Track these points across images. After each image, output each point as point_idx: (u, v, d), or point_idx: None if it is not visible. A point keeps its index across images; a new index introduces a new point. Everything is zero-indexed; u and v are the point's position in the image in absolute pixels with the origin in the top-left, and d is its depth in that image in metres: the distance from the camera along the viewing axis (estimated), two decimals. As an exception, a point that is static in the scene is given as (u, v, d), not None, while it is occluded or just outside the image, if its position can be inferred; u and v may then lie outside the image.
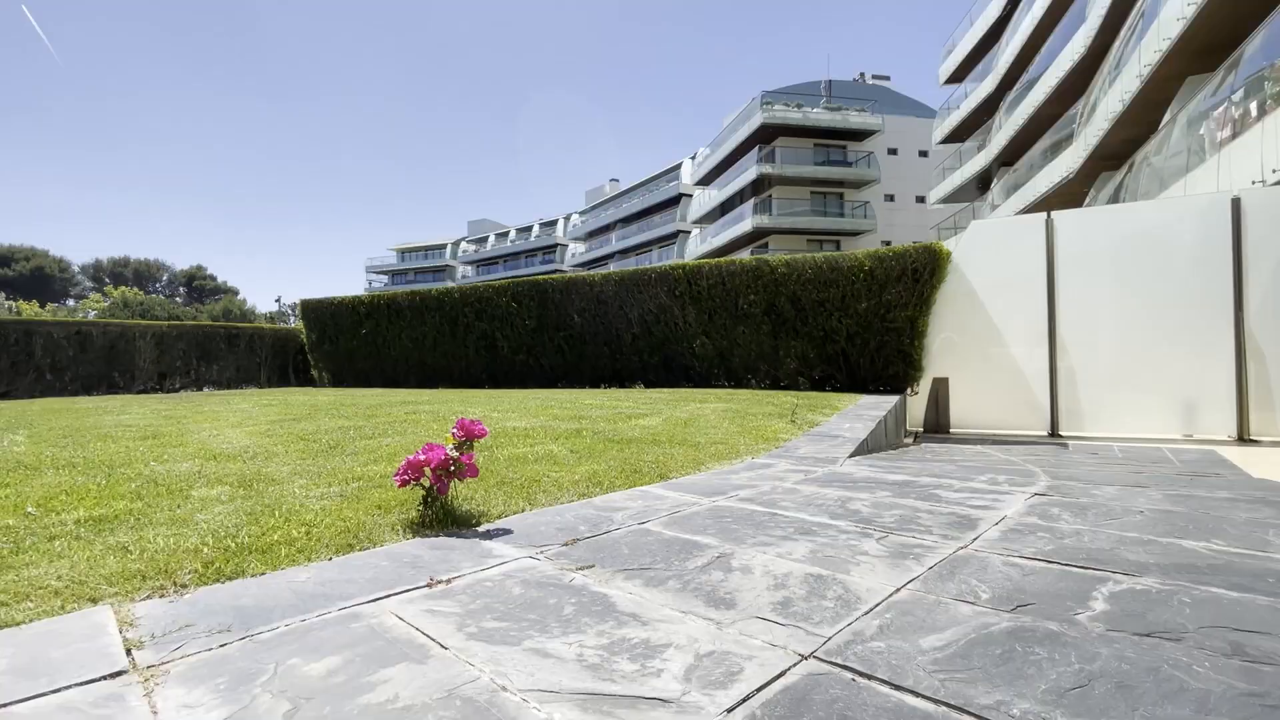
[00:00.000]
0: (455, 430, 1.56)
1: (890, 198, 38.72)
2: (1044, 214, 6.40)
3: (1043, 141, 19.27)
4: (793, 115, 34.61)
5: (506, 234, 71.33)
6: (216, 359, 10.77)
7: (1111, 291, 6.10)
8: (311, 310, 10.78)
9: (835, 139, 36.40)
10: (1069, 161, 16.05)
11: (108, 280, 69.85)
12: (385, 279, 78.95)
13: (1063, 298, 6.27)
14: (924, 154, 39.45)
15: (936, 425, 6.67)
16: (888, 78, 41.74)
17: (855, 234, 36.07)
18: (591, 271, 8.16)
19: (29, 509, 1.66)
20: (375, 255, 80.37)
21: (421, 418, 3.75)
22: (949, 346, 6.69)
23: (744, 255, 37.49)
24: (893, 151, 38.64)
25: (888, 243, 38.19)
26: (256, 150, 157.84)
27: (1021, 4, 21.63)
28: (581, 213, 61.92)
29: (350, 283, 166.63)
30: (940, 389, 6.78)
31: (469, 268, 73.34)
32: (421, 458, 1.50)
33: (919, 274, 6.38)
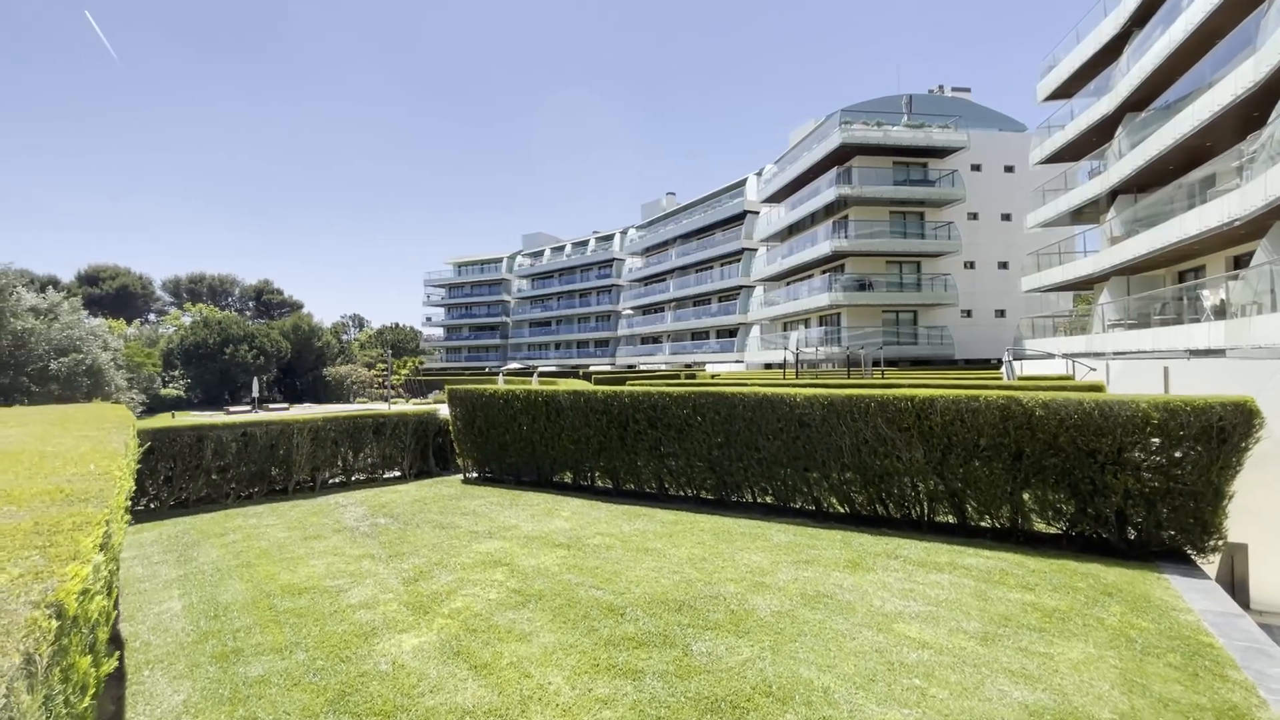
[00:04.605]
0: None
1: (974, 216, 37.09)
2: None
3: (1190, 175, 17.76)
4: (873, 134, 33.41)
5: (562, 248, 71.60)
6: (364, 447, 10.60)
7: None
8: (459, 398, 10.49)
9: (916, 156, 34.96)
10: (1232, 207, 14.62)
11: (185, 296, 73.07)
12: (443, 291, 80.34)
13: None
14: (1009, 169, 37.64)
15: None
16: (968, 89, 39.97)
17: (938, 255, 34.70)
18: (793, 389, 7.53)
19: None
20: (433, 269, 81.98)
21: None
22: (1249, 509, 5.82)
23: (817, 277, 36.45)
24: (976, 168, 36.98)
25: (971, 264, 36.69)
26: (306, 166, 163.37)
27: (1151, 22, 20.07)
28: (639, 227, 61.57)
29: (409, 294, 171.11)
30: (1237, 558, 5.92)
31: (524, 281, 73.98)
32: None
33: (1225, 432, 5.52)
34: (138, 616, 4.88)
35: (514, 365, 61.20)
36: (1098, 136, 24.05)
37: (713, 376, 29.28)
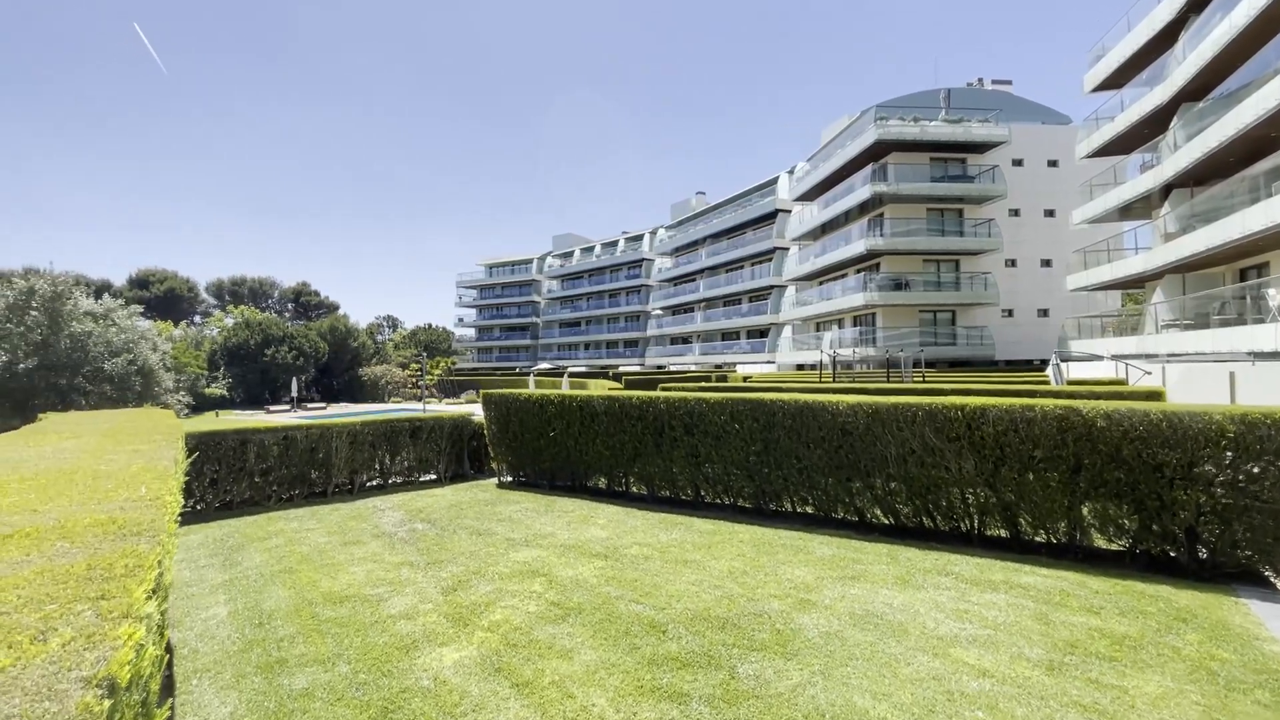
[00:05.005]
0: None
1: (1015, 213, 35.99)
2: None
3: (1254, 168, 16.83)
4: (909, 130, 32.60)
5: (592, 249, 71.84)
6: (400, 450, 10.71)
7: None
8: (494, 402, 10.52)
9: (954, 152, 34.00)
10: (1303, 201, 13.78)
11: (228, 298, 75.55)
12: (475, 293, 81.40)
13: None
14: (1053, 164, 36.40)
15: (1319, 625, 5.40)
16: (1009, 82, 38.73)
17: (977, 253, 33.68)
18: (836, 396, 7.31)
19: None
20: (465, 270, 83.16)
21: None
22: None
23: (852, 276, 35.79)
24: (1018, 163, 35.88)
25: (1012, 262, 35.60)
26: (341, 170, 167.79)
27: (1210, 7, 19.09)
28: (668, 227, 61.39)
29: (442, 296, 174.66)
30: (1324, 580, 5.50)
31: (554, 282, 74.47)
32: None
33: (1311, 446, 5.14)
34: (185, 622, 4.95)
35: (544, 365, 61.63)
36: (1150, 128, 23.02)
37: (745, 378, 28.97)
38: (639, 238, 66.36)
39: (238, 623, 4.92)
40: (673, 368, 52.83)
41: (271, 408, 42.34)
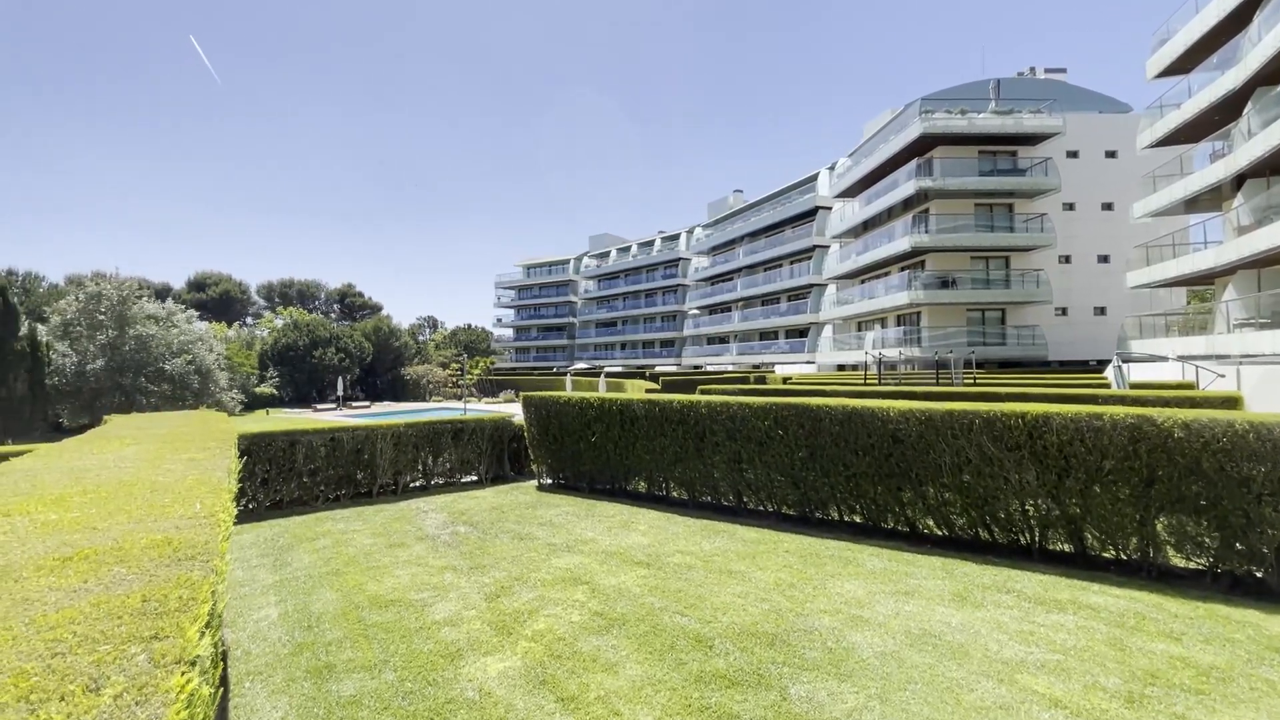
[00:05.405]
0: None
1: (1069, 206, 34.47)
2: None
3: (1339, 158, 15.63)
4: (956, 123, 31.51)
5: (628, 249, 71.91)
6: (442, 452, 10.85)
7: None
8: (534, 404, 10.56)
9: (1004, 145, 32.74)
10: (1398, 190, 12.73)
11: (277, 300, 78.44)
12: (513, 293, 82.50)
13: None
14: (1111, 155, 34.69)
15: None
16: (1064, 70, 37.06)
17: (1028, 249, 32.40)
18: (886, 402, 7.05)
19: None
20: (503, 272, 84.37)
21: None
22: None
23: (895, 275, 34.83)
24: (1072, 154, 34.32)
25: (1066, 258, 34.10)
26: (382, 172, 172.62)
27: (1289, -16, 17.83)
28: (705, 226, 60.96)
29: (481, 297, 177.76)
30: None
31: (591, 282, 74.87)
32: None
33: None
34: (238, 623, 5.07)
35: (581, 365, 62.00)
36: (1221, 115, 21.67)
37: (784, 379, 28.50)
38: (675, 237, 66.08)
39: (288, 625, 5.01)
40: (709, 368, 52.44)
41: (319, 406, 43.76)
